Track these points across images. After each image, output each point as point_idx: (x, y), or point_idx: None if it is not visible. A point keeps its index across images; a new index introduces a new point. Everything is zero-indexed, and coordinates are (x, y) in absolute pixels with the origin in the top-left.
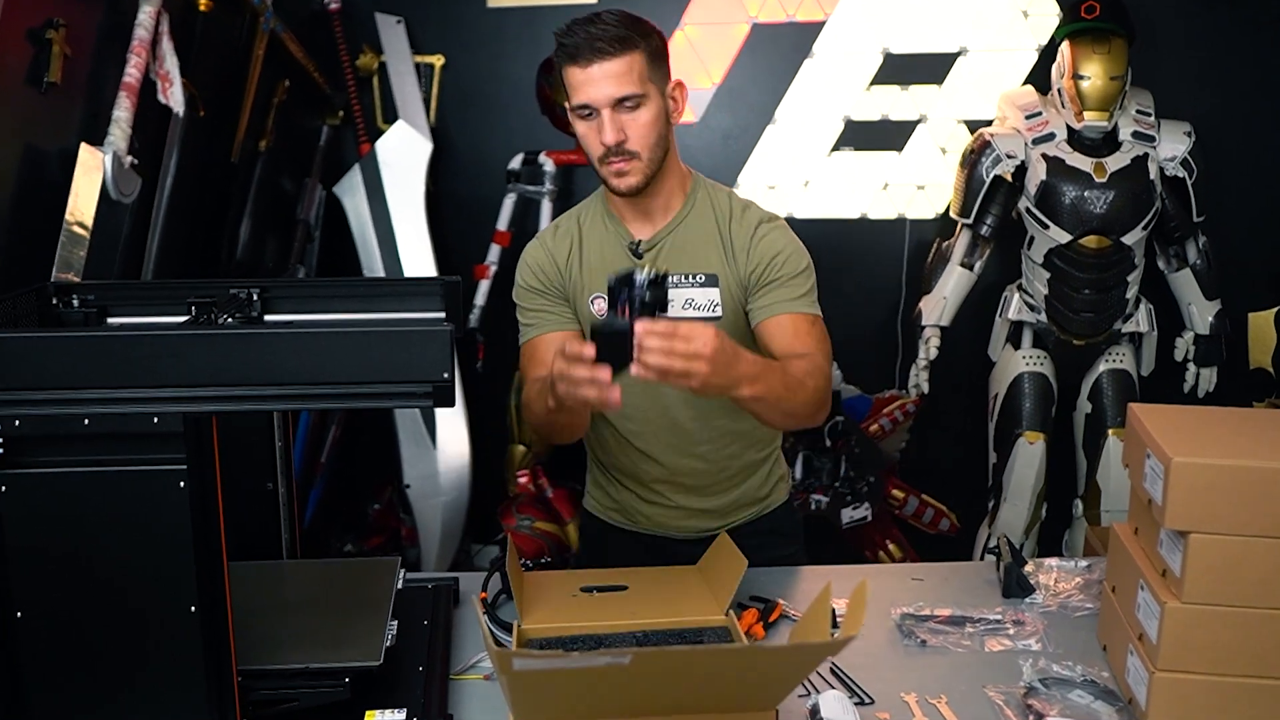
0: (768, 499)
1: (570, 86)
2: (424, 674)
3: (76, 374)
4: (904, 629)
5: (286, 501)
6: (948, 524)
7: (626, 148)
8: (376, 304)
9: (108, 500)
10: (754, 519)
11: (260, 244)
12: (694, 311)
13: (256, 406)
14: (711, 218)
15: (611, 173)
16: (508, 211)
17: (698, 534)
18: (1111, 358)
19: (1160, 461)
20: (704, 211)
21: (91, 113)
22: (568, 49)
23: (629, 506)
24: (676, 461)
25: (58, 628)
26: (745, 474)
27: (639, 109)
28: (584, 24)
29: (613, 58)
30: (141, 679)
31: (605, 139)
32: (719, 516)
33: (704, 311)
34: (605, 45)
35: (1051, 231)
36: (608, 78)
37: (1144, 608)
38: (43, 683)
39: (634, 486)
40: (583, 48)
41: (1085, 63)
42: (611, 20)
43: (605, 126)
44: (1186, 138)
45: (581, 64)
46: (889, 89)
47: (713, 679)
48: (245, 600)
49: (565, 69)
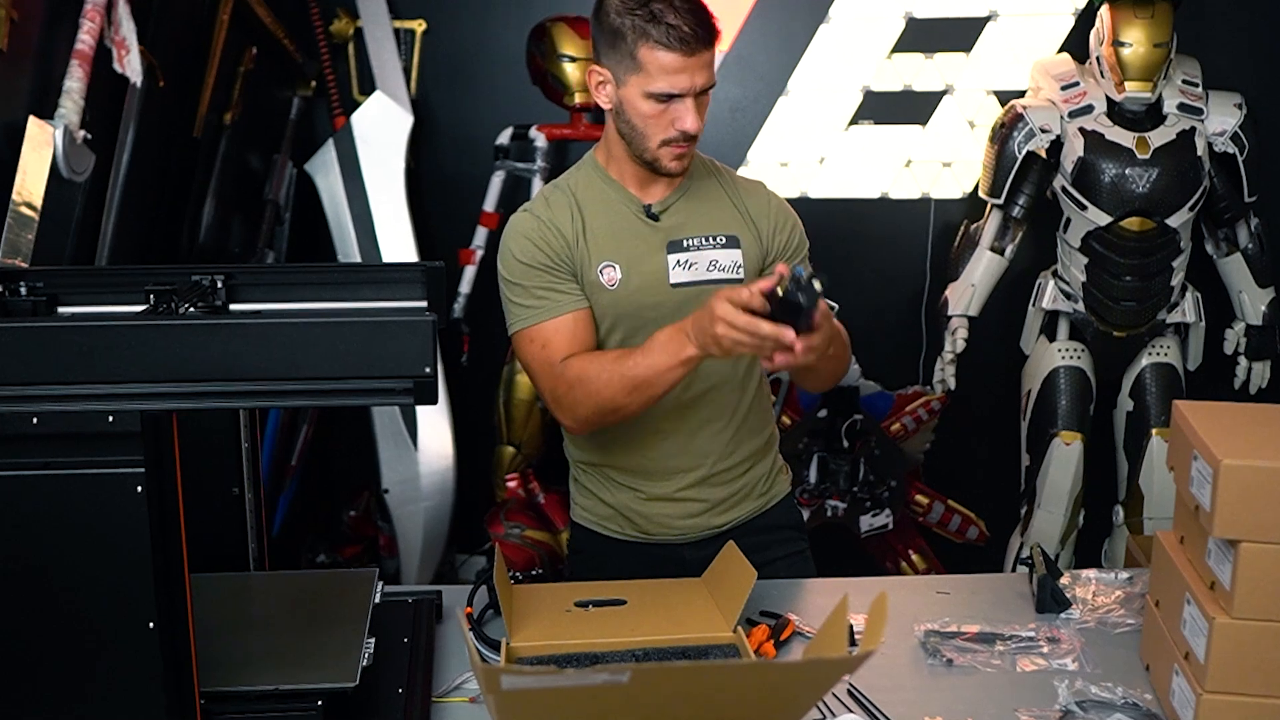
0: (770, 491)
1: (656, 70)
2: (403, 696)
3: (24, 368)
4: (928, 647)
5: (254, 508)
6: (976, 532)
7: (698, 132)
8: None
9: (58, 505)
10: (758, 514)
11: (225, 227)
12: (718, 273)
13: (221, 404)
14: (714, 180)
15: (672, 155)
16: (495, 191)
17: (700, 534)
18: (1155, 351)
19: (1208, 464)
20: (704, 174)
21: (41, 83)
22: (664, 33)
23: (626, 508)
24: (686, 441)
25: (2, 645)
26: (750, 461)
27: (708, 93)
28: (676, 5)
29: (710, 46)
30: (95, 702)
31: (688, 127)
32: (723, 510)
33: (728, 273)
34: (706, 35)
35: (1090, 213)
36: (704, 67)
37: (1190, 624)
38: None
39: (633, 483)
40: (686, 38)
41: (1126, 28)
42: (694, 5)
43: (689, 115)
44: (1237, 110)
45: (683, 51)
46: (912, 57)
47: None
48: (209, 616)
49: (653, 51)
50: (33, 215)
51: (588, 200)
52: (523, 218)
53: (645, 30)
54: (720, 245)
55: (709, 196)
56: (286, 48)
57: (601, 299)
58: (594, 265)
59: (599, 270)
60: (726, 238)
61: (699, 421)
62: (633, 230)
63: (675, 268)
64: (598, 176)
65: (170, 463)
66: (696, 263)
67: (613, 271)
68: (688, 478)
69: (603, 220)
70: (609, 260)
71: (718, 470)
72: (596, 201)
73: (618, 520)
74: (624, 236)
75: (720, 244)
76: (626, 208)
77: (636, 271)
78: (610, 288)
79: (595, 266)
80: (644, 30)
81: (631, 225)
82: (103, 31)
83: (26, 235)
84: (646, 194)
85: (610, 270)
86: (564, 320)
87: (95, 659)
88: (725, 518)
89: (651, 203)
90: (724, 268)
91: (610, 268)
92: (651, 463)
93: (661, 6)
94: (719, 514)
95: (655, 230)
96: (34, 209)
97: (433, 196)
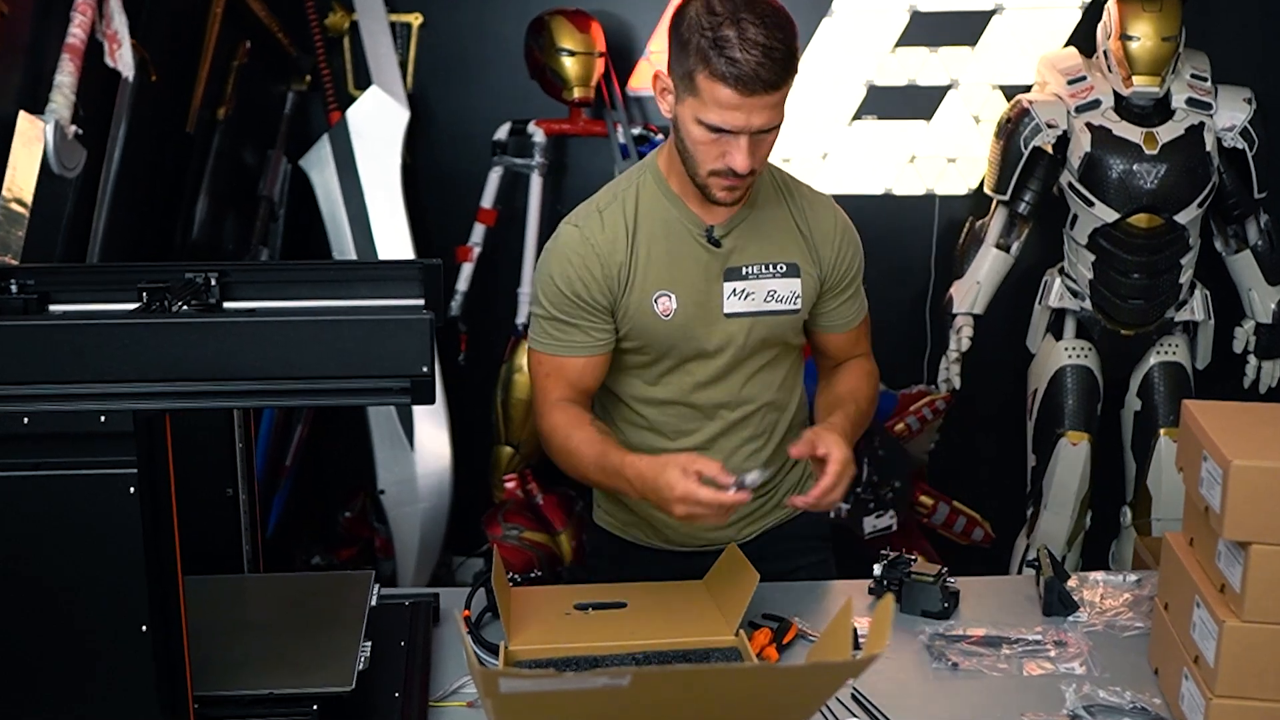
0: None
1: (710, 100)
2: (400, 700)
3: (15, 367)
4: (933, 650)
5: (248, 509)
6: (981, 534)
7: (752, 170)
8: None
9: (50, 506)
10: (785, 522)
11: (219, 223)
12: (775, 304)
13: (215, 404)
14: (782, 199)
15: (721, 186)
16: (493, 187)
17: (728, 544)
18: (1163, 349)
19: (1218, 464)
20: (771, 192)
21: (31, 77)
22: (726, 65)
23: (654, 517)
24: (725, 460)
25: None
26: (784, 474)
27: (773, 131)
28: (741, 35)
29: (776, 90)
30: (87, 706)
31: (736, 165)
32: (753, 521)
33: (785, 304)
34: (774, 77)
35: (1097, 209)
36: (765, 109)
37: (1200, 627)
38: None
39: None
40: (748, 76)
41: (1134, 22)
42: (771, 36)
43: (743, 154)
44: (1247, 105)
45: (742, 91)
46: (916, 51)
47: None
48: (202, 618)
49: (708, 80)
50: (23, 212)
51: (646, 217)
52: (571, 235)
53: (708, 56)
54: (780, 274)
55: (774, 219)
56: (281, 41)
57: (653, 328)
58: (648, 293)
59: (654, 299)
60: (787, 266)
61: (740, 440)
62: (692, 255)
63: (731, 297)
64: (660, 189)
65: (163, 463)
66: (754, 293)
67: (668, 301)
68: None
69: (661, 243)
70: (665, 289)
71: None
72: (656, 220)
73: (642, 528)
74: (683, 263)
75: (780, 273)
76: (687, 229)
77: (692, 301)
78: (665, 318)
79: (650, 295)
80: (706, 56)
81: (691, 250)
82: (94, 25)
83: (17, 232)
84: (710, 213)
85: (665, 300)
86: (576, 362)
87: (87, 662)
88: (754, 527)
89: (714, 224)
90: (781, 298)
91: (666, 297)
92: None
93: (732, 34)
94: (749, 524)
95: (715, 256)
96: (24, 205)
97: (429, 193)
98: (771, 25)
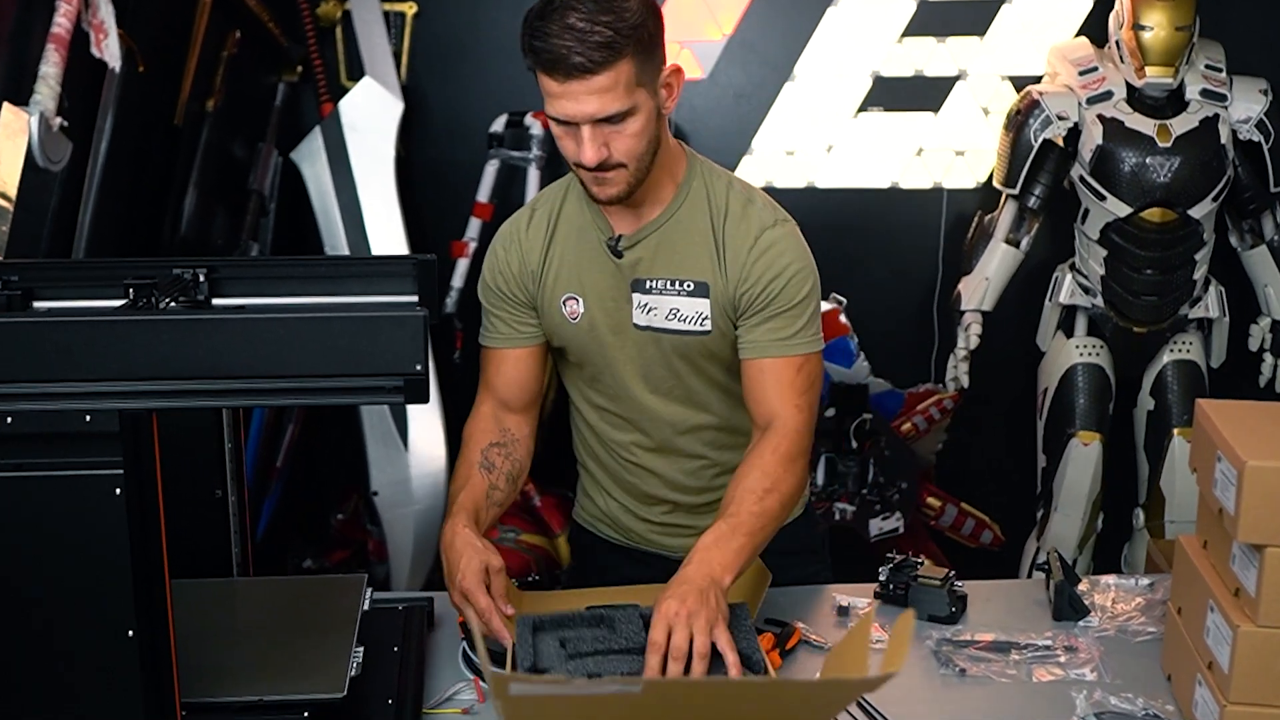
0: None
1: (544, 91)
2: (393, 707)
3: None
4: (941, 656)
5: (237, 511)
6: (990, 536)
7: (610, 162)
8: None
9: (33, 508)
10: None
11: (207, 218)
12: (679, 323)
13: (203, 403)
14: (706, 213)
15: (591, 180)
16: (489, 181)
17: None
18: (1177, 347)
19: (1233, 465)
20: (697, 205)
21: (15, 68)
22: (539, 54)
23: (616, 519)
24: (666, 478)
25: None
26: None
27: (626, 120)
28: (559, 23)
29: (595, 74)
30: (71, 713)
31: (585, 158)
32: None
33: (690, 324)
34: (586, 59)
35: (1109, 203)
36: (590, 94)
37: (1214, 632)
38: None
39: (623, 499)
40: (558, 60)
41: (1147, 11)
42: (592, 21)
43: (585, 145)
44: (1263, 96)
45: (558, 78)
46: (924, 41)
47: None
48: (190, 623)
49: (537, 71)
50: (7, 206)
51: (566, 220)
52: (504, 229)
53: (530, 46)
54: (685, 292)
55: (690, 231)
56: (271, 31)
57: (564, 332)
58: (557, 298)
59: (562, 301)
60: (695, 284)
61: (690, 456)
62: (599, 262)
63: (637, 309)
64: (582, 194)
65: (150, 464)
66: (656, 308)
67: (575, 305)
68: (667, 508)
69: (572, 249)
70: (572, 293)
71: (705, 501)
72: (572, 225)
73: (609, 525)
74: (590, 268)
75: (686, 290)
76: (597, 236)
77: (600, 307)
78: (572, 321)
79: (559, 297)
80: (530, 47)
81: (599, 257)
82: (80, 14)
83: (0, 227)
84: (620, 222)
85: (573, 303)
86: (495, 355)
87: (72, 668)
88: None
89: (622, 234)
90: (686, 318)
91: (573, 300)
92: (634, 487)
93: (548, 23)
94: None
95: (619, 266)
96: (8, 199)
97: (424, 186)
98: (595, 10)
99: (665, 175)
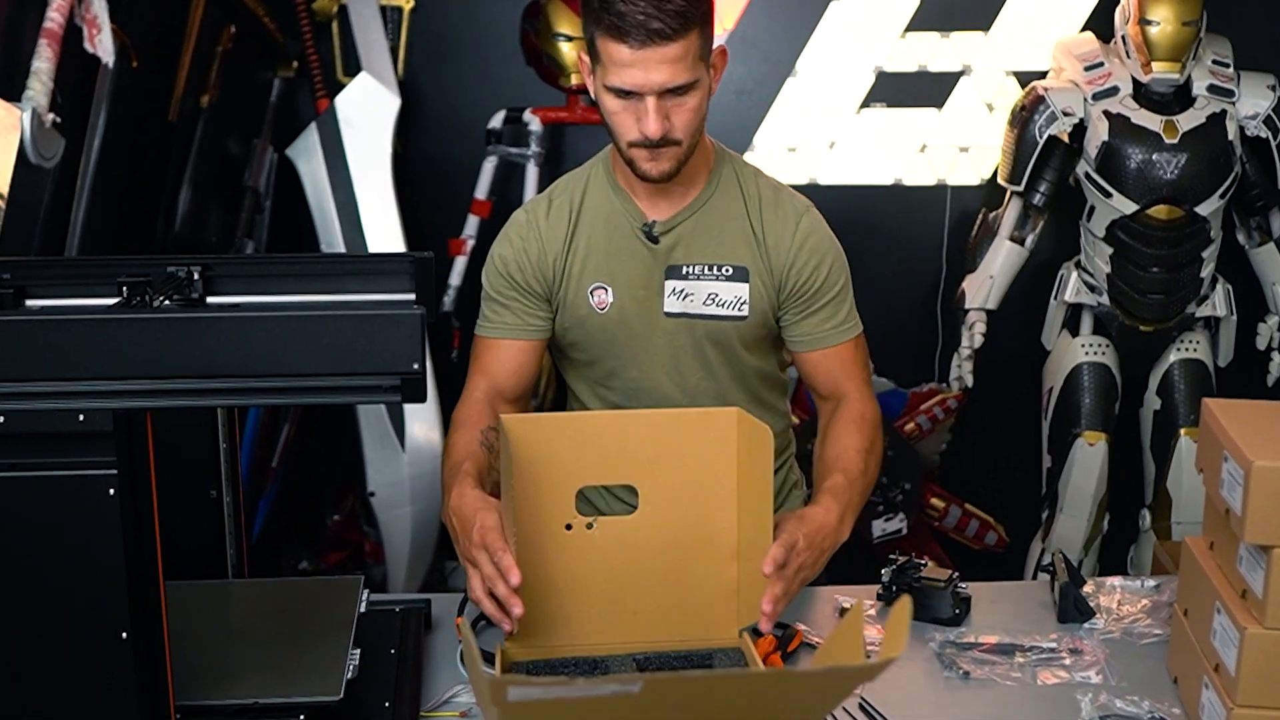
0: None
1: (609, 61)
2: (390, 710)
3: None
4: (944, 658)
5: (232, 512)
6: (995, 538)
7: (670, 137)
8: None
9: (26, 509)
10: None
11: (202, 215)
12: (716, 308)
13: (198, 402)
14: (739, 199)
15: (645, 158)
16: (487, 177)
17: None
18: (1184, 346)
19: (1240, 465)
20: (730, 192)
21: (7, 63)
22: (613, 20)
23: None
24: None
25: None
26: None
27: (688, 94)
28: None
29: (671, 41)
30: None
31: (649, 130)
32: None
33: (728, 309)
34: (665, 26)
35: (1115, 200)
36: (664, 63)
37: (1221, 634)
38: None
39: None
40: (635, 26)
41: (1154, 5)
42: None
43: (650, 117)
44: (1270, 92)
45: (632, 44)
46: (927, 36)
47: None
48: (185, 625)
49: (603, 40)
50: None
51: (590, 209)
52: (519, 218)
53: (599, 15)
54: (725, 277)
55: (725, 217)
56: (267, 26)
57: (590, 321)
58: (584, 286)
59: (589, 291)
60: (734, 269)
61: None
62: (631, 250)
63: (670, 296)
64: (607, 180)
65: (144, 464)
66: (693, 294)
67: (604, 294)
68: None
69: (600, 236)
70: (601, 282)
71: None
72: (598, 213)
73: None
74: (622, 257)
75: (725, 276)
76: (628, 223)
77: (630, 295)
78: (600, 311)
79: (587, 287)
80: (598, 15)
81: (631, 245)
82: (73, 9)
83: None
84: (653, 208)
85: (602, 292)
86: (498, 345)
87: (65, 671)
88: None
89: (655, 220)
90: (724, 303)
91: (602, 289)
92: None
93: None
94: None
95: (654, 252)
96: (0, 196)
97: (421, 183)
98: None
99: (700, 159)
